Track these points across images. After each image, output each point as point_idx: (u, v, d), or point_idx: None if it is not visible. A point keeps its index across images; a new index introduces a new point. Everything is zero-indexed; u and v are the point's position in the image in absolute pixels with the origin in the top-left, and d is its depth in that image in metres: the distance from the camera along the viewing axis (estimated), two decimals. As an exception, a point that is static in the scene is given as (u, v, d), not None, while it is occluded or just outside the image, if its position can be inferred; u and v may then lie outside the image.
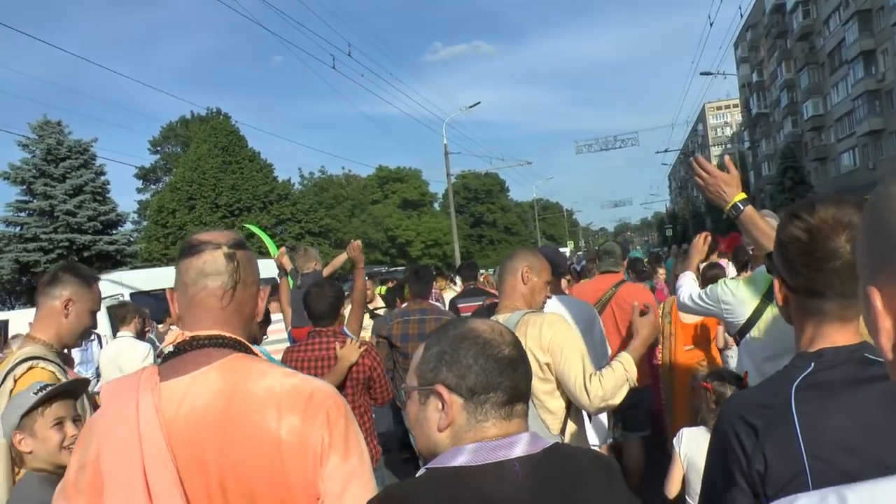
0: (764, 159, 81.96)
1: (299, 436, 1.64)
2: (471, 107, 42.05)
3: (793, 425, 1.58)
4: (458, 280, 11.08)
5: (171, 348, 1.78)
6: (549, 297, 3.81)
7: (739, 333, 3.79)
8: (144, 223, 50.66)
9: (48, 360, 2.96)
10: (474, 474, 1.53)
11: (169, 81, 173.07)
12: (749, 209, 3.03)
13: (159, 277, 19.51)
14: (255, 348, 1.87)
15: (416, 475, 1.61)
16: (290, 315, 6.64)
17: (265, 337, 5.07)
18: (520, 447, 1.59)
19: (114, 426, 1.64)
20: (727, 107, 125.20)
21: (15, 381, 2.83)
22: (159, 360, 1.87)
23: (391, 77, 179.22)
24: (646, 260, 13.34)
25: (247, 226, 17.75)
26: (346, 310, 5.58)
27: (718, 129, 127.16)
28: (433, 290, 9.42)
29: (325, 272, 7.81)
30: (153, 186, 63.76)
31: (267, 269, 16.24)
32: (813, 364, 1.67)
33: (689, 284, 4.40)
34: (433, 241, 68.98)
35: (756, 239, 3.05)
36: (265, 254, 16.47)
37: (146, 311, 8.34)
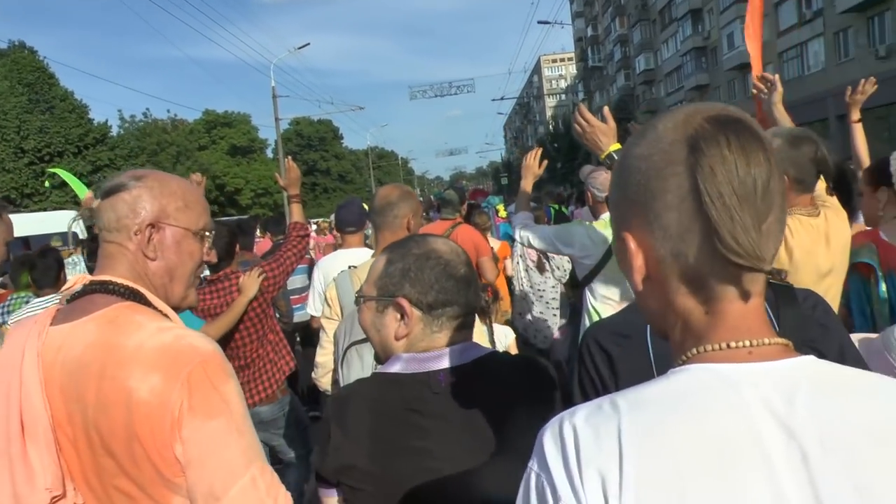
0: (597, 110, 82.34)
1: (158, 397, 1.57)
2: (300, 48, 40.83)
3: (647, 354, 1.70)
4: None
5: (77, 289, 1.79)
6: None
7: (588, 277, 4.29)
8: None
9: None
10: (403, 381, 1.75)
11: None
12: None
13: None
14: (151, 297, 1.80)
15: (364, 378, 1.87)
16: None
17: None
18: (449, 359, 1.76)
19: (2, 366, 1.67)
20: (562, 59, 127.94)
21: None
22: None
23: (222, 18, 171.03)
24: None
25: (55, 171, 16.27)
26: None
27: (553, 81, 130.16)
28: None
29: None
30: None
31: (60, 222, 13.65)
32: None
33: (533, 225, 4.55)
34: (263, 189, 66.06)
35: None
36: (78, 203, 14.38)
37: None
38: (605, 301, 4.40)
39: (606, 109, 3.52)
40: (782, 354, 0.96)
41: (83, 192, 12.69)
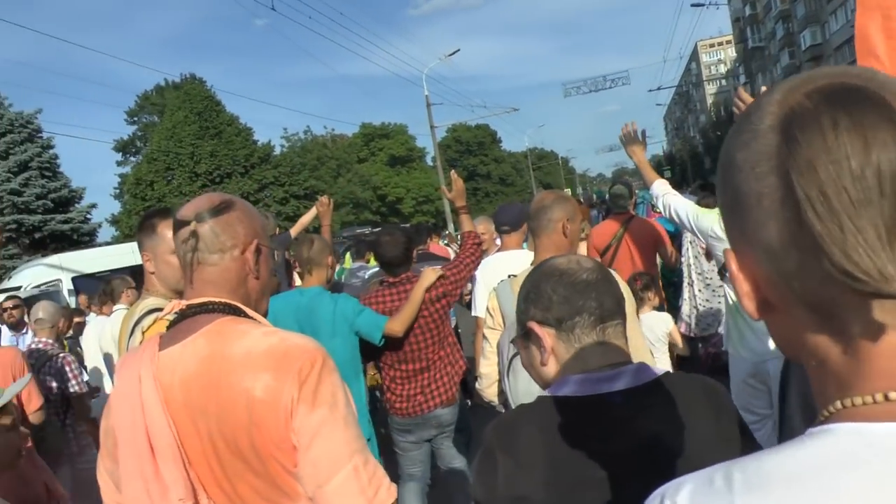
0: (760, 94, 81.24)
1: (273, 393, 1.69)
2: (450, 55, 41.01)
3: None
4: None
5: (171, 317, 1.90)
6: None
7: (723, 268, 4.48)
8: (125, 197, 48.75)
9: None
10: (576, 404, 1.64)
11: (142, 52, 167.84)
12: None
13: (107, 257, 16.59)
14: (247, 309, 1.92)
15: (528, 403, 1.75)
16: None
17: None
18: (623, 380, 1.65)
19: (121, 395, 1.81)
20: (720, 44, 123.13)
21: (143, 335, 2.83)
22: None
23: (374, 36, 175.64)
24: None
25: None
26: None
27: (712, 67, 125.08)
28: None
29: (294, 231, 7.73)
30: (133, 159, 60.78)
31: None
32: None
33: (677, 195, 4.70)
34: (424, 196, 66.81)
35: None
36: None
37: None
38: None
39: (765, 89, 2.92)
40: None
41: None
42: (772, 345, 4.29)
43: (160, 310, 2.84)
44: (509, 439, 1.67)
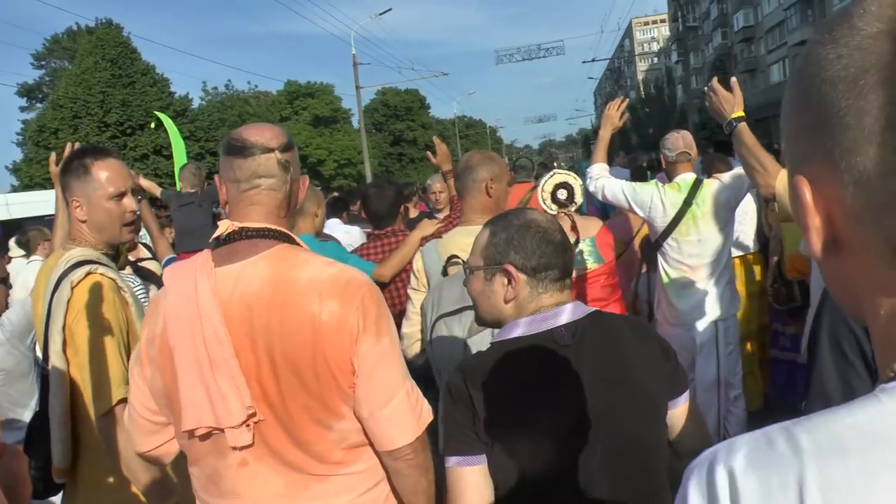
0: (693, 73, 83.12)
1: (338, 318, 1.83)
2: (381, 13, 40.06)
3: None
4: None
5: (219, 237, 1.96)
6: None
7: (659, 239, 4.65)
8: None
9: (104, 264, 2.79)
10: (530, 341, 1.93)
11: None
12: (741, 126, 3.42)
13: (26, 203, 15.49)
14: (297, 238, 2.03)
15: (485, 350, 2.04)
16: (166, 241, 5.85)
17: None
18: (565, 315, 1.96)
19: (177, 305, 1.87)
20: (654, 22, 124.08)
21: (72, 290, 2.64)
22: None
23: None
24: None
25: (160, 115, 15.63)
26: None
27: (646, 45, 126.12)
28: None
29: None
30: (39, 105, 57.16)
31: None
32: None
33: (610, 178, 4.74)
34: (346, 159, 64.96)
35: (741, 154, 3.46)
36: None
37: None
38: (676, 266, 4.68)
39: (734, 80, 3.59)
40: None
41: (182, 153, 12.68)
42: (704, 309, 4.67)
43: (91, 262, 2.72)
44: (475, 378, 1.89)
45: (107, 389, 2.55)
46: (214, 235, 1.95)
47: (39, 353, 3.12)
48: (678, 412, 2.03)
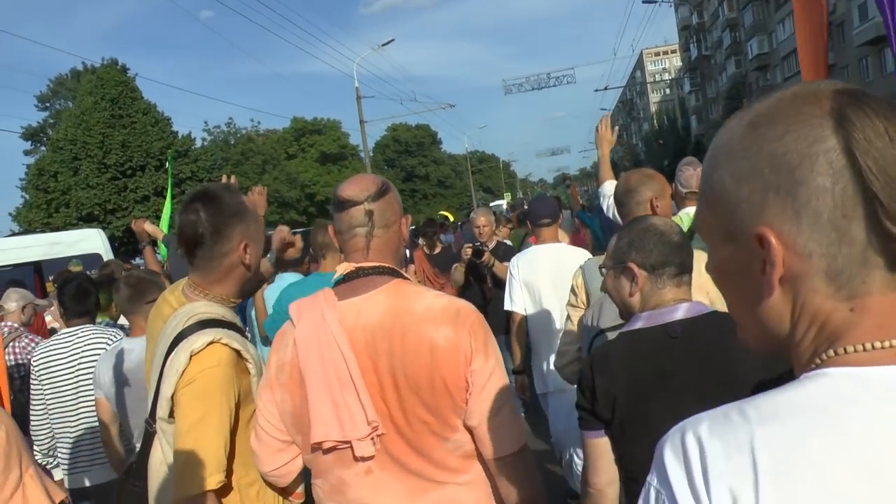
0: (707, 103, 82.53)
1: (453, 342, 2.02)
2: (384, 44, 39.26)
3: None
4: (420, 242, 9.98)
5: (340, 276, 2.17)
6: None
7: None
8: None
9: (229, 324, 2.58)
10: (647, 333, 2.18)
11: (75, 41, 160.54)
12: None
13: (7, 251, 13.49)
14: (405, 273, 2.24)
15: (611, 339, 2.36)
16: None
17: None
18: (681, 312, 2.17)
19: (307, 334, 2.08)
20: (665, 52, 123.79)
21: (190, 359, 2.38)
22: None
23: (322, 34, 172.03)
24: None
25: (170, 159, 15.41)
26: None
27: (657, 76, 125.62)
28: None
29: None
30: (43, 148, 55.75)
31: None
32: None
33: None
34: (356, 196, 62.94)
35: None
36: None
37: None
38: None
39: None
40: None
41: (166, 222, 11.16)
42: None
43: (215, 323, 2.50)
44: (601, 365, 2.17)
45: (198, 474, 2.36)
46: (336, 276, 2.18)
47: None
48: None
